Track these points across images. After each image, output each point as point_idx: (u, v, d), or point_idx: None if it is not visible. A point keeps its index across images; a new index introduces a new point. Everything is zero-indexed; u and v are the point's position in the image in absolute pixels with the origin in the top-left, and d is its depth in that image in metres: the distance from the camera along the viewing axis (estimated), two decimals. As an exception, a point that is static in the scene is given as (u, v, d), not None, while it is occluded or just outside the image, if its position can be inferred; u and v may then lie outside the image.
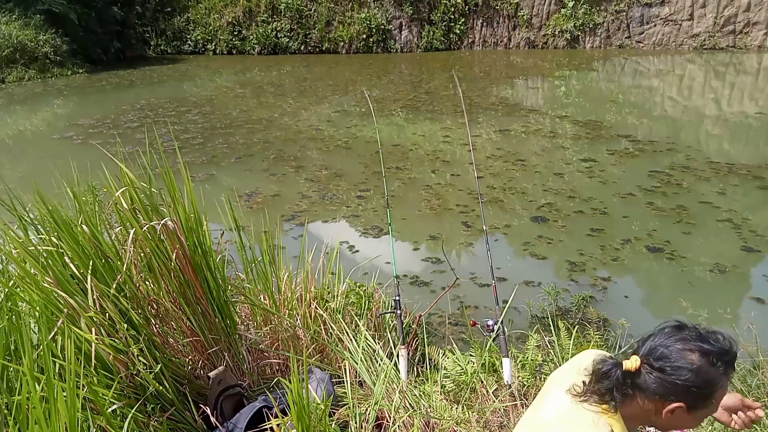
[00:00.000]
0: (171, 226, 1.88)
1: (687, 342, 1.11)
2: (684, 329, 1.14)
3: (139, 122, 9.33)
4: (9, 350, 1.65)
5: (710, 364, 1.08)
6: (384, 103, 10.25)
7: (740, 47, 16.15)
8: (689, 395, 1.09)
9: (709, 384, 1.08)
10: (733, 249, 4.21)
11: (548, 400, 1.27)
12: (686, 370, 1.08)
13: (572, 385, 1.20)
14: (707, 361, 1.08)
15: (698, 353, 1.09)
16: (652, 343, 1.15)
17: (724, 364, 1.09)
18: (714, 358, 1.08)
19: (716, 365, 1.08)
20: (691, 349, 1.10)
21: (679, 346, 1.11)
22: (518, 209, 5.12)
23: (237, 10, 19.59)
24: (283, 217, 5.16)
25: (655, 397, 1.11)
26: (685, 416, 1.11)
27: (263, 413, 1.91)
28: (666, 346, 1.12)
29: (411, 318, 2.89)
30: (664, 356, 1.11)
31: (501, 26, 18.28)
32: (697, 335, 1.12)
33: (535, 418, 1.27)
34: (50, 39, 15.65)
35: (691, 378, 1.07)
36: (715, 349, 1.09)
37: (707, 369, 1.08)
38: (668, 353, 1.11)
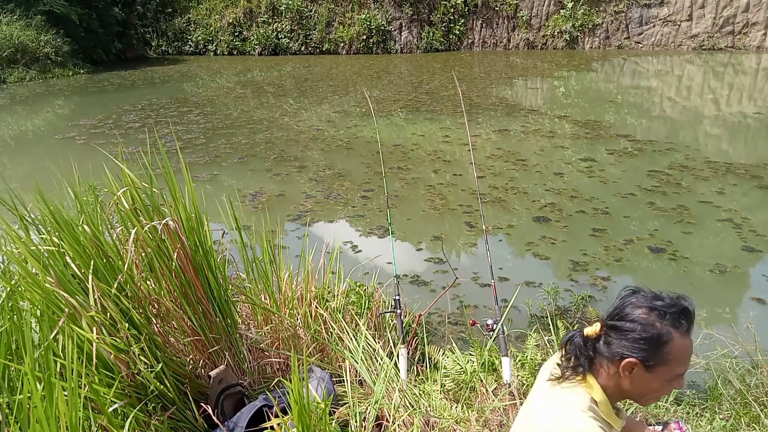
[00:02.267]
0: (172, 225, 1.88)
1: (639, 299, 1.17)
2: (639, 292, 1.20)
3: (141, 122, 9.34)
4: (10, 349, 1.66)
5: (658, 316, 1.13)
6: (384, 104, 10.26)
7: (739, 48, 16.16)
8: (640, 349, 1.13)
9: (657, 336, 1.12)
10: (733, 249, 4.21)
11: (535, 394, 1.32)
12: (634, 323, 1.14)
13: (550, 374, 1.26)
14: (656, 315, 1.14)
15: (645, 308, 1.15)
16: (613, 308, 1.22)
17: (672, 317, 1.13)
18: (661, 310, 1.13)
19: (664, 317, 1.13)
20: (640, 305, 1.16)
21: (631, 303, 1.17)
22: (520, 209, 5.13)
23: (238, 11, 19.61)
24: (289, 217, 5.17)
25: (611, 357, 1.17)
26: (646, 375, 1.15)
27: (264, 412, 1.92)
28: (620, 308, 1.19)
29: (411, 317, 2.89)
30: (617, 316, 1.18)
31: (500, 27, 18.30)
32: (651, 295, 1.18)
33: (525, 412, 1.32)
34: (51, 39, 15.68)
35: (639, 330, 1.13)
36: (663, 304, 1.14)
37: (652, 321, 1.13)
38: (624, 314, 1.17)
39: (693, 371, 2.53)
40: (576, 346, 1.22)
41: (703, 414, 2.28)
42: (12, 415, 1.42)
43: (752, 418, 2.19)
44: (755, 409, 2.20)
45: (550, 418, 1.19)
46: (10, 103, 12.04)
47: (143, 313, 1.94)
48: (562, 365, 1.24)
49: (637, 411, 2.28)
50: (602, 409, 1.19)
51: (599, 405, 1.19)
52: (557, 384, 1.23)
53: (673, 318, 1.13)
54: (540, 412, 1.24)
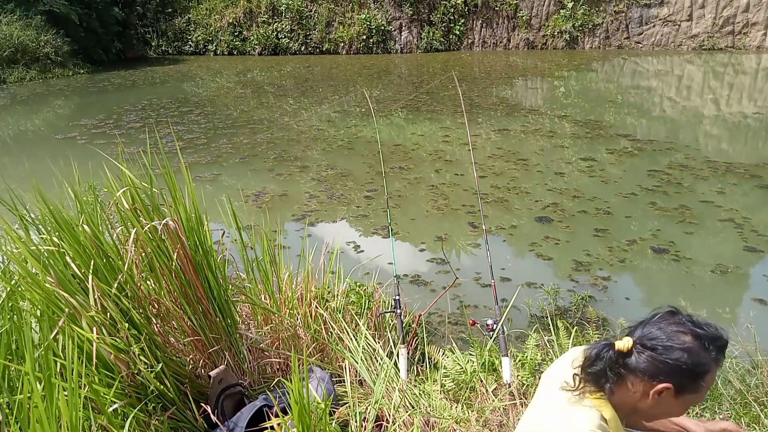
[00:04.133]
0: (172, 225, 1.89)
1: (681, 325, 1.12)
2: (677, 314, 1.16)
3: (142, 122, 9.34)
4: (10, 349, 1.66)
5: (702, 347, 1.09)
6: (385, 104, 10.26)
7: (739, 48, 16.16)
8: (678, 375, 1.09)
9: (699, 366, 1.09)
10: (734, 249, 4.21)
11: (541, 399, 1.28)
12: (678, 350, 1.09)
13: (564, 382, 1.20)
14: (700, 343, 1.09)
15: (691, 335, 1.10)
16: (645, 325, 1.16)
17: (716, 350, 1.10)
18: (706, 342, 1.10)
19: (708, 349, 1.09)
20: (684, 331, 1.11)
21: (673, 328, 1.12)
22: (521, 209, 5.13)
23: (238, 11, 19.62)
24: (290, 217, 5.17)
25: (645, 378, 1.11)
26: (671, 401, 1.12)
27: (264, 412, 1.92)
28: (659, 328, 1.13)
29: (411, 317, 2.89)
30: (656, 336, 1.12)
31: (500, 27, 18.30)
32: (691, 321, 1.14)
33: (530, 417, 1.28)
34: (51, 39, 15.67)
35: (683, 358, 1.08)
36: (708, 333, 1.10)
37: (699, 351, 1.09)
38: (661, 334, 1.12)
39: None
40: (607, 361, 1.15)
41: (703, 414, 2.28)
42: (12, 415, 1.42)
43: (752, 418, 2.19)
44: (755, 409, 2.20)
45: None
46: (10, 103, 12.04)
47: (143, 313, 1.94)
48: (582, 376, 1.18)
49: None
50: (611, 426, 1.15)
51: (609, 422, 1.15)
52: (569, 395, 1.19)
53: (718, 351, 1.10)
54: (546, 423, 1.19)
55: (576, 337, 2.52)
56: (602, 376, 1.15)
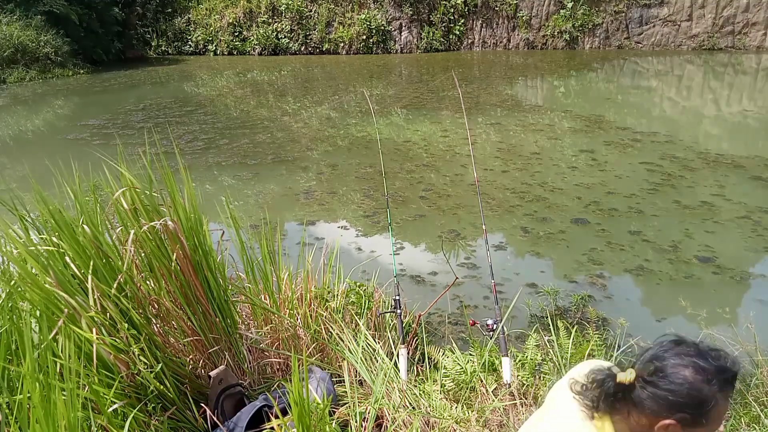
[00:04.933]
0: (171, 226, 1.88)
1: (682, 357, 1.06)
2: (682, 344, 1.09)
3: (152, 122, 9.32)
4: (10, 350, 1.66)
5: (704, 381, 1.03)
6: (385, 104, 10.26)
7: (739, 48, 16.16)
8: (681, 413, 1.04)
9: (702, 403, 1.03)
10: (735, 249, 4.21)
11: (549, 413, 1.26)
12: (678, 386, 1.03)
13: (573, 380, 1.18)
14: (701, 378, 1.03)
15: (692, 369, 1.04)
16: (648, 356, 1.11)
17: (720, 383, 1.03)
18: (709, 375, 1.03)
19: (711, 383, 1.03)
20: (686, 364, 1.05)
21: (674, 361, 1.06)
22: (522, 209, 5.13)
23: (237, 11, 19.61)
24: (290, 217, 5.17)
25: (648, 413, 1.07)
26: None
27: (264, 412, 1.92)
28: (661, 360, 1.07)
29: (411, 317, 2.89)
30: (657, 370, 1.07)
31: (500, 27, 18.30)
32: (695, 351, 1.07)
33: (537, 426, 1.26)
34: (51, 39, 15.67)
35: (683, 395, 1.03)
36: (712, 366, 1.04)
37: (700, 387, 1.03)
38: (662, 367, 1.06)
39: None
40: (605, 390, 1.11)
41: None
42: (12, 416, 1.42)
43: (752, 418, 2.19)
44: (755, 409, 2.20)
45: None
46: (12, 103, 12.04)
47: (143, 314, 1.94)
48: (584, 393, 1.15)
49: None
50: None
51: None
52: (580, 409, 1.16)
53: (723, 383, 1.04)
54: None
55: (576, 337, 2.52)
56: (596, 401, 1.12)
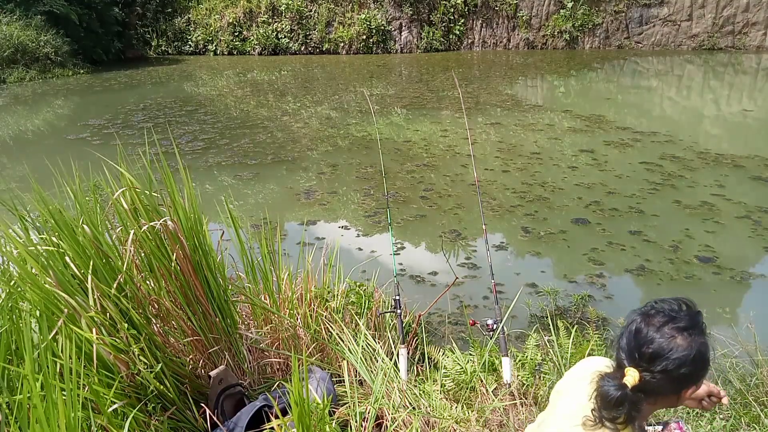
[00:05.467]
0: (171, 226, 1.88)
1: (663, 330, 1.11)
2: (650, 318, 1.14)
3: (152, 122, 9.32)
4: (10, 350, 1.66)
5: (693, 338, 1.11)
6: (385, 103, 10.26)
7: (739, 48, 16.16)
8: (697, 377, 1.12)
9: (704, 357, 1.11)
10: (736, 248, 4.21)
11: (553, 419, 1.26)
12: (684, 357, 1.09)
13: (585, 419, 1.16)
14: (690, 337, 1.10)
15: (679, 336, 1.10)
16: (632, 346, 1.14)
17: (699, 329, 1.12)
18: (692, 331, 1.11)
19: (696, 335, 1.11)
20: (672, 335, 1.11)
21: (661, 339, 1.11)
22: (523, 208, 5.13)
23: (237, 11, 19.61)
24: (290, 216, 5.17)
25: (668, 394, 1.14)
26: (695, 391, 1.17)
27: (264, 412, 1.92)
28: (649, 344, 1.11)
29: (411, 317, 2.89)
30: (657, 356, 1.10)
31: (500, 27, 18.30)
32: (665, 317, 1.12)
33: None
34: (51, 39, 15.66)
35: (691, 363, 1.09)
36: (688, 322, 1.11)
37: (696, 346, 1.10)
38: (659, 350, 1.10)
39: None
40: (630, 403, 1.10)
41: (703, 414, 2.28)
42: (12, 416, 1.42)
43: (752, 418, 2.19)
44: (755, 409, 2.20)
45: None
46: (12, 103, 12.03)
47: (143, 314, 1.94)
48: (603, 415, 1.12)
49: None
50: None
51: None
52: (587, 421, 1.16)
53: (700, 328, 1.13)
54: None
55: (576, 337, 2.52)
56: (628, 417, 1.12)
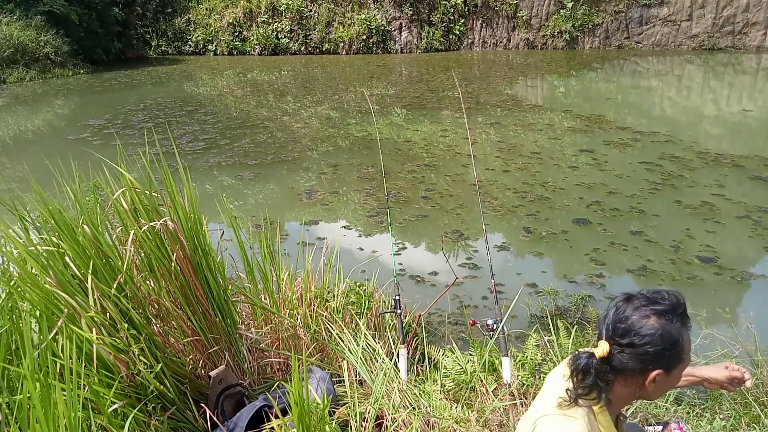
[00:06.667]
0: (171, 226, 1.88)
1: (641, 310, 1.15)
2: (632, 299, 1.17)
3: (152, 122, 9.31)
4: (10, 350, 1.66)
5: (669, 322, 1.13)
6: (385, 104, 10.26)
7: (739, 48, 16.16)
8: (663, 359, 1.13)
9: (675, 342, 1.12)
10: (736, 248, 4.21)
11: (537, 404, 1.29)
12: (651, 336, 1.11)
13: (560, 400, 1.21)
14: (665, 321, 1.13)
15: (654, 317, 1.13)
16: (610, 322, 1.18)
17: (679, 318, 1.14)
18: (669, 315, 1.13)
19: (673, 321, 1.13)
20: (647, 315, 1.14)
21: (635, 317, 1.14)
22: (523, 208, 5.13)
23: (237, 11, 19.61)
24: (290, 216, 5.17)
25: (635, 372, 1.14)
26: (666, 380, 1.16)
27: (264, 412, 1.92)
28: (624, 321, 1.15)
29: (411, 317, 2.89)
30: (627, 331, 1.14)
31: (500, 27, 18.29)
32: (646, 300, 1.16)
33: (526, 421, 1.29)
34: (51, 40, 15.66)
35: (658, 342, 1.11)
36: (667, 306, 1.14)
37: (668, 329, 1.12)
38: (629, 326, 1.14)
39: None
40: (595, 372, 1.17)
41: (703, 414, 2.28)
42: (12, 416, 1.42)
43: (752, 418, 2.19)
44: (755, 409, 2.20)
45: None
46: (12, 103, 12.03)
47: (143, 314, 1.94)
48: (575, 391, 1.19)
49: (637, 411, 2.28)
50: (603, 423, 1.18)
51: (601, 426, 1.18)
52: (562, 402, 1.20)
53: (681, 317, 1.14)
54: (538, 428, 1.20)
55: (576, 337, 2.52)
56: (595, 387, 1.17)
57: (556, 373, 1.33)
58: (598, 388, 1.17)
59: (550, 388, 1.29)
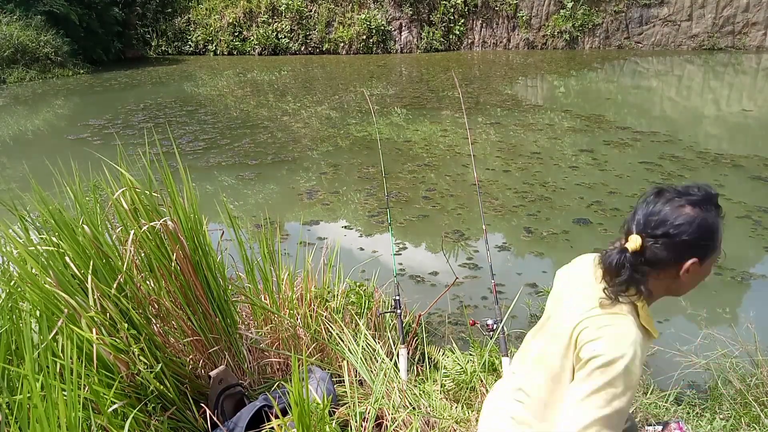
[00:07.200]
0: (171, 226, 1.88)
1: (674, 201, 1.14)
2: (663, 192, 1.16)
3: (153, 122, 9.31)
4: (10, 350, 1.66)
5: (705, 210, 1.11)
6: (385, 104, 10.26)
7: (739, 48, 16.16)
8: (699, 247, 1.11)
9: (711, 230, 1.11)
10: (736, 248, 4.21)
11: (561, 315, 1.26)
12: (688, 224, 1.10)
13: (600, 300, 1.18)
14: (700, 209, 1.11)
15: (689, 206, 1.12)
16: (640, 217, 1.16)
17: (714, 206, 1.13)
18: (704, 204, 1.12)
19: (708, 210, 1.12)
20: (681, 204, 1.12)
21: (669, 208, 1.13)
22: (523, 208, 5.13)
23: (237, 11, 19.61)
24: (290, 216, 5.17)
25: (671, 263, 1.13)
26: (699, 270, 1.14)
27: (264, 412, 1.92)
28: (658, 213, 1.14)
29: (411, 317, 2.89)
30: (661, 222, 1.12)
31: (500, 27, 18.30)
32: (678, 192, 1.15)
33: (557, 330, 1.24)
34: (51, 40, 15.66)
35: (695, 230, 1.10)
36: (700, 197, 1.13)
37: (704, 216, 1.11)
38: (664, 217, 1.12)
39: (693, 371, 2.53)
40: (630, 266, 1.14)
41: (703, 414, 2.28)
42: (12, 416, 1.42)
43: (752, 418, 2.19)
44: (755, 409, 2.20)
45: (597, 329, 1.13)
46: (12, 103, 12.03)
47: (143, 314, 1.94)
48: (613, 289, 1.16)
49: (637, 411, 2.28)
50: (645, 322, 1.16)
51: (642, 320, 1.16)
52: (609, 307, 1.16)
53: (715, 207, 1.13)
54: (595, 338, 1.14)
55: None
56: (632, 281, 1.14)
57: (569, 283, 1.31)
58: (636, 282, 1.14)
59: (573, 296, 1.26)
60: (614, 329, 1.12)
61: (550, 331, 1.29)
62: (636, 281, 1.14)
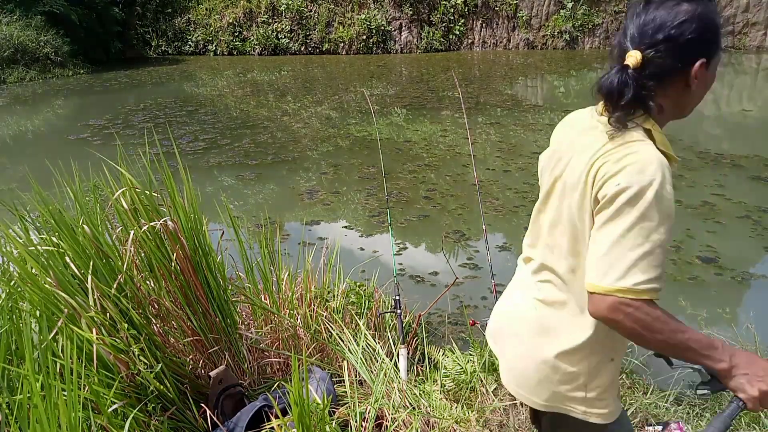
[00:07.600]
0: (171, 226, 1.88)
1: (667, 3, 1.03)
2: (651, 1, 1.05)
3: (153, 122, 9.31)
4: (10, 350, 1.66)
5: (700, 3, 1.01)
6: (385, 104, 10.26)
7: (739, 48, 16.16)
8: (705, 43, 1.02)
9: (715, 21, 1.02)
10: (737, 248, 4.21)
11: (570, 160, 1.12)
12: (690, 21, 1.00)
13: (609, 133, 1.06)
14: (696, 2, 1.01)
15: (685, 3, 1.02)
16: (633, 31, 1.04)
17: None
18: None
19: (703, 2, 1.02)
20: (677, 2, 1.02)
21: (663, 11, 1.02)
22: (523, 207, 5.13)
23: (237, 11, 19.61)
24: (291, 216, 5.17)
25: (677, 71, 1.03)
26: (705, 75, 1.05)
27: (264, 412, 1.92)
28: (653, 20, 1.02)
29: (411, 317, 2.89)
30: (660, 27, 1.01)
31: (500, 27, 18.29)
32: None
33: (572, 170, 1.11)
34: (51, 40, 15.66)
35: (699, 24, 1.00)
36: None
37: (703, 9, 1.01)
38: (661, 22, 1.01)
39: (693, 371, 2.53)
40: (633, 83, 1.01)
41: (703, 414, 2.28)
42: (12, 416, 1.42)
43: (752, 418, 2.19)
44: (755, 409, 2.19)
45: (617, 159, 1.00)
46: (12, 103, 12.04)
47: (143, 314, 1.94)
48: (618, 117, 1.03)
49: (637, 411, 2.28)
50: (659, 141, 1.05)
51: (657, 141, 1.05)
52: (619, 135, 1.04)
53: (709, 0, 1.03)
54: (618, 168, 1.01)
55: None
56: (638, 100, 1.03)
57: (573, 130, 1.18)
58: (642, 99, 1.02)
59: (580, 141, 1.12)
60: (635, 156, 0.99)
61: (558, 191, 1.16)
62: (642, 98, 1.02)
